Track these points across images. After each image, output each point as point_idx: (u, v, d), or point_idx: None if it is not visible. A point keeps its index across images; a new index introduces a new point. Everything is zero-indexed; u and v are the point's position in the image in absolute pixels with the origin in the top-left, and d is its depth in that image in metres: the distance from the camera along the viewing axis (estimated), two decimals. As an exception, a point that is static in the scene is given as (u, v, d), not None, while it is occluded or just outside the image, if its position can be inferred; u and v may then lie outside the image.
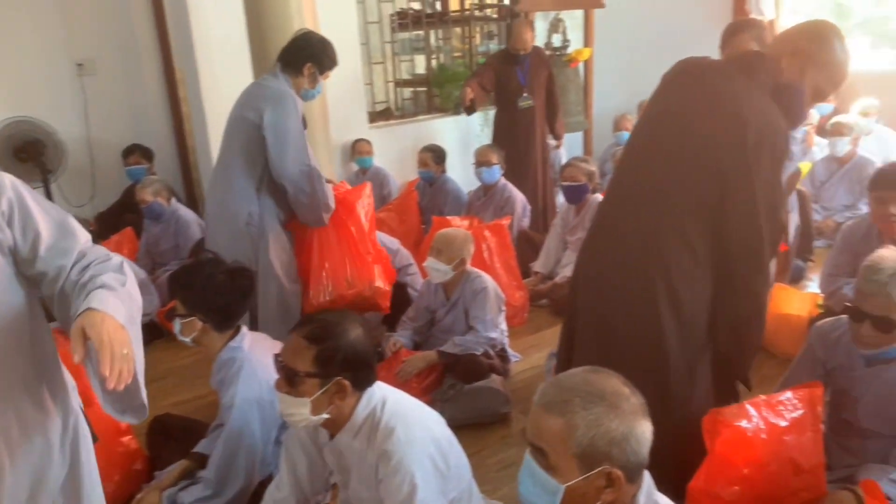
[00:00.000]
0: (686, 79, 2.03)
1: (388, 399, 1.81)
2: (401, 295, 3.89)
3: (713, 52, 6.22)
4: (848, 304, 2.12)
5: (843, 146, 4.70)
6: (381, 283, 3.09)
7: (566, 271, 4.10)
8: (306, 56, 2.94)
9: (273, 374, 2.26)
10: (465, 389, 2.94)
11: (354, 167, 5.67)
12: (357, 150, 5.52)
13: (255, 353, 2.31)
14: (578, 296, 2.13)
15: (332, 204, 2.98)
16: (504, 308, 3.30)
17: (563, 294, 4.08)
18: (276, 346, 2.36)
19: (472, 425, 2.89)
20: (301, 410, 1.74)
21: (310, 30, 3.11)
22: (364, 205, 3.09)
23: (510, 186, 4.71)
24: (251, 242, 2.91)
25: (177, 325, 2.30)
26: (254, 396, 2.25)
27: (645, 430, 1.28)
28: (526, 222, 4.73)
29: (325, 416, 1.76)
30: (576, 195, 4.13)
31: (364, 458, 1.77)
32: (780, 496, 2.00)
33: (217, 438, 2.35)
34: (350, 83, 5.37)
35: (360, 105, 5.70)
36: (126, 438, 2.58)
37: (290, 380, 1.75)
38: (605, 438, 1.25)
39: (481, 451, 2.75)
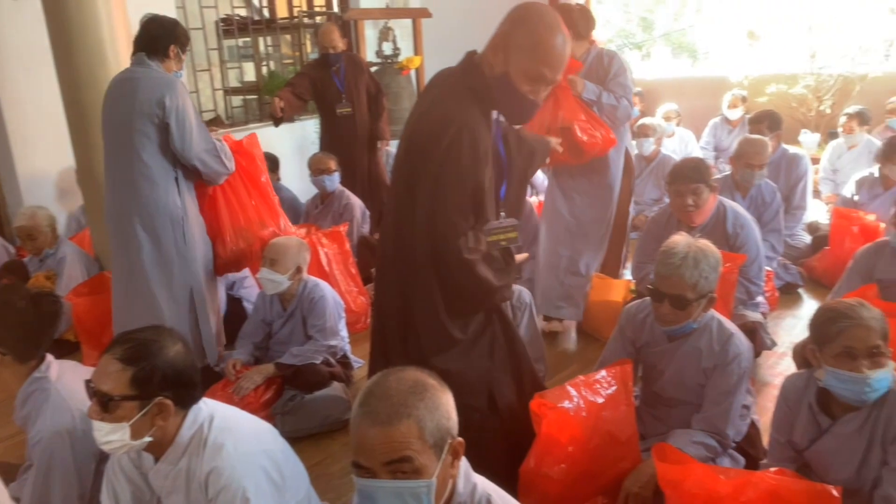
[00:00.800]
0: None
1: (215, 415, 1.74)
2: (236, 310, 3.77)
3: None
4: (649, 286, 2.34)
5: (649, 146, 5.16)
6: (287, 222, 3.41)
7: None
8: (168, 39, 3.00)
9: (84, 403, 2.12)
10: (305, 399, 2.89)
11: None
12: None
13: (65, 382, 2.12)
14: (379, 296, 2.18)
15: (232, 166, 3.11)
16: (344, 314, 3.28)
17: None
18: (88, 373, 2.20)
19: (315, 435, 2.86)
20: (119, 436, 1.63)
21: (154, 14, 3.09)
22: (258, 153, 3.29)
23: (347, 193, 4.70)
24: (179, 228, 2.99)
25: None
26: (65, 428, 2.05)
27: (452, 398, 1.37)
28: (366, 228, 4.74)
29: (148, 439, 1.66)
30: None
31: (192, 479, 1.69)
32: (602, 469, 2.16)
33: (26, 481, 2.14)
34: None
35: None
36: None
37: (104, 405, 1.63)
38: (444, 417, 1.30)
39: (325, 459, 2.72)
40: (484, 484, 1.43)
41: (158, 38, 2.98)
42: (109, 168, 3.03)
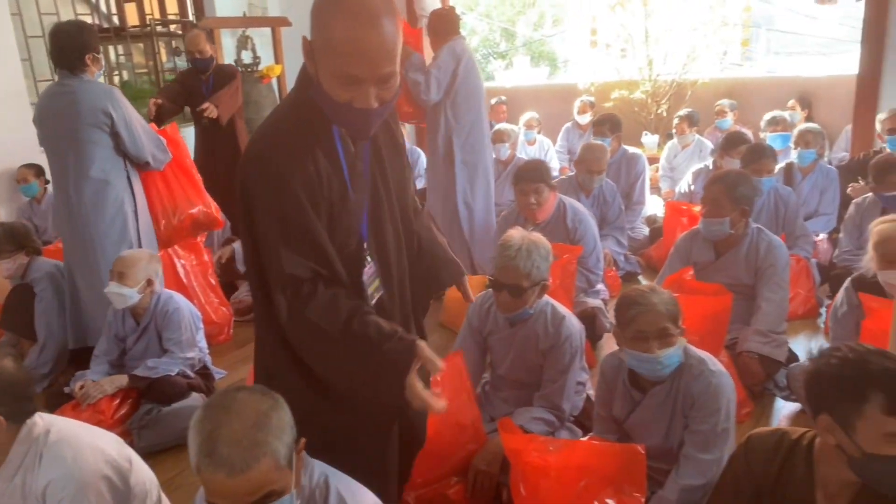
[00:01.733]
0: None
1: (52, 429, 1.72)
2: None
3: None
4: (490, 277, 2.52)
5: (505, 151, 5.43)
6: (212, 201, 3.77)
7: None
8: (79, 49, 3.13)
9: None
10: (163, 412, 2.85)
11: (23, 198, 5.00)
12: (21, 177, 4.86)
13: None
14: None
15: (170, 154, 3.47)
16: (202, 326, 3.25)
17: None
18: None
19: (174, 447, 2.83)
20: None
21: (57, 22, 3.25)
22: (181, 139, 3.64)
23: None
24: (133, 224, 3.33)
25: None
26: None
27: None
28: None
29: None
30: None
31: (29, 495, 1.65)
32: (452, 452, 2.31)
33: None
34: (13, 102, 4.80)
35: (27, 126, 5.11)
36: None
37: None
38: (289, 433, 1.33)
39: (184, 470, 2.69)
40: (321, 466, 1.52)
41: (69, 51, 3.12)
42: (59, 178, 3.27)
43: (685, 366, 2.06)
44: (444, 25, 3.99)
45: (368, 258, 1.60)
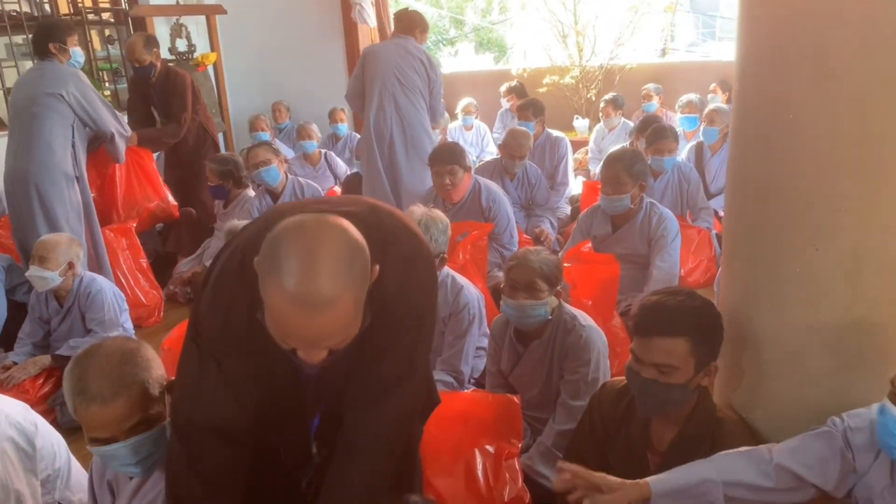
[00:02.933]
0: None
1: (-43, 395, 1.84)
2: (19, 314, 3.68)
3: (333, 53, 6.80)
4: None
5: (435, 136, 5.58)
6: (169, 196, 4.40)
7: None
8: (44, 39, 3.66)
9: None
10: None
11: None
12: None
13: None
14: None
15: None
16: (126, 307, 3.35)
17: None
18: None
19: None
20: None
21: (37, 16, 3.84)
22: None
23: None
24: (73, 186, 3.69)
25: None
26: None
27: None
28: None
29: None
30: (217, 193, 4.35)
31: (-65, 457, 1.78)
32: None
33: None
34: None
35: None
36: None
37: None
38: (157, 370, 1.50)
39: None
40: None
41: (38, 41, 3.70)
42: (12, 138, 3.68)
43: (559, 321, 2.26)
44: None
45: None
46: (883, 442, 1.38)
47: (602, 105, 6.11)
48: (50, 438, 1.99)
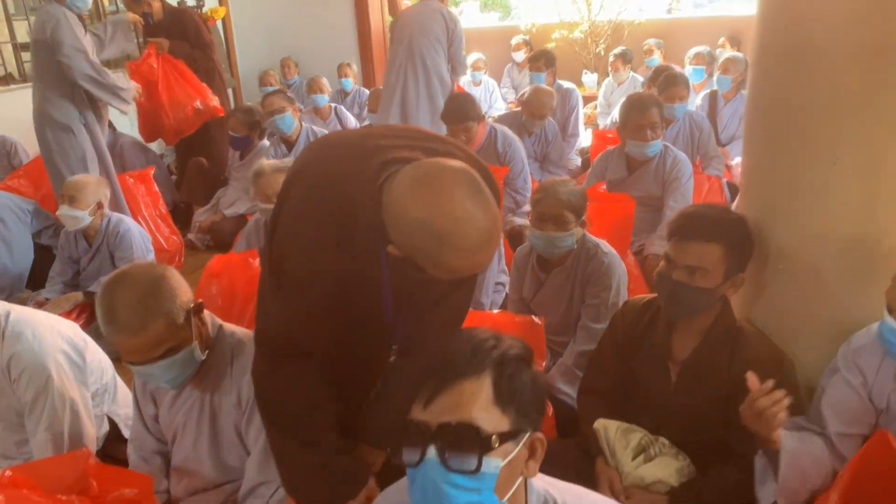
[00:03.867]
0: None
1: (12, 311, 1.92)
2: (46, 257, 3.78)
3: (342, 9, 6.78)
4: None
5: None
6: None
7: (237, 207, 4.38)
8: None
9: None
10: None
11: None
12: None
13: None
14: None
15: (124, 84, 3.89)
16: (152, 249, 3.44)
17: (224, 229, 4.35)
18: None
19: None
20: None
21: None
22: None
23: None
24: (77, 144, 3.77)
25: None
26: None
27: None
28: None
29: None
30: (239, 145, 4.39)
31: (-6, 369, 1.87)
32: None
33: None
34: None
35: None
36: None
37: None
38: (183, 293, 1.57)
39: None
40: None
41: None
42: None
43: (582, 250, 2.35)
44: None
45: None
46: (887, 349, 1.50)
47: (611, 59, 6.12)
48: (97, 356, 2.09)
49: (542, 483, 1.07)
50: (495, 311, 2.80)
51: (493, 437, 0.92)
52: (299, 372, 1.44)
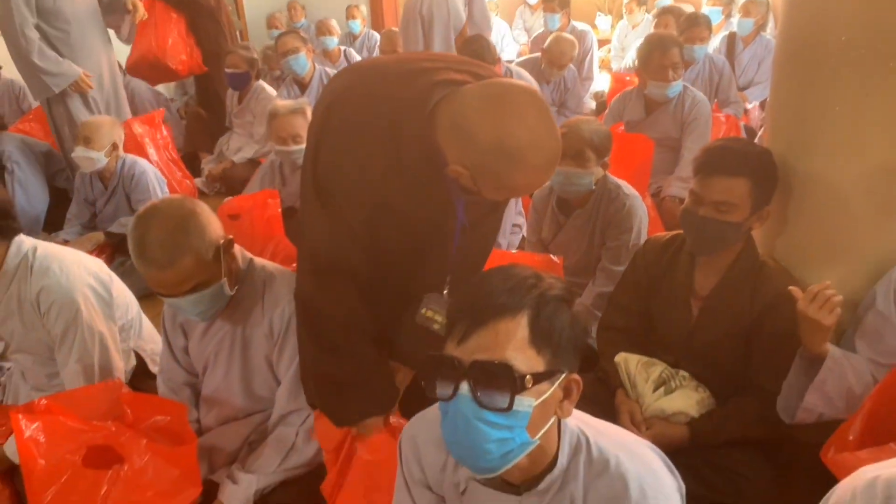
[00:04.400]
0: None
1: (38, 246, 1.94)
2: (62, 200, 3.79)
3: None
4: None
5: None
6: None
7: (244, 152, 4.37)
8: None
9: None
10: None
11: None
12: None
13: None
14: None
15: (57, 70, 3.50)
16: (166, 190, 3.44)
17: (235, 175, 4.34)
18: None
19: (146, 295, 3.04)
20: None
21: None
22: None
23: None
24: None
25: None
26: None
27: None
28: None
29: None
30: (238, 82, 4.32)
31: (24, 301, 1.89)
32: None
33: None
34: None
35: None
36: None
37: None
38: (212, 232, 1.56)
39: (155, 316, 2.95)
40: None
41: None
42: None
43: (604, 191, 2.34)
44: None
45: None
46: None
47: (625, 1, 5.98)
48: (123, 291, 2.12)
49: (576, 421, 1.07)
50: (513, 251, 2.83)
51: (527, 377, 0.91)
52: (342, 288, 1.47)
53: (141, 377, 2.16)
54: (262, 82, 4.40)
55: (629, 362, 1.79)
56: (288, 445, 1.65)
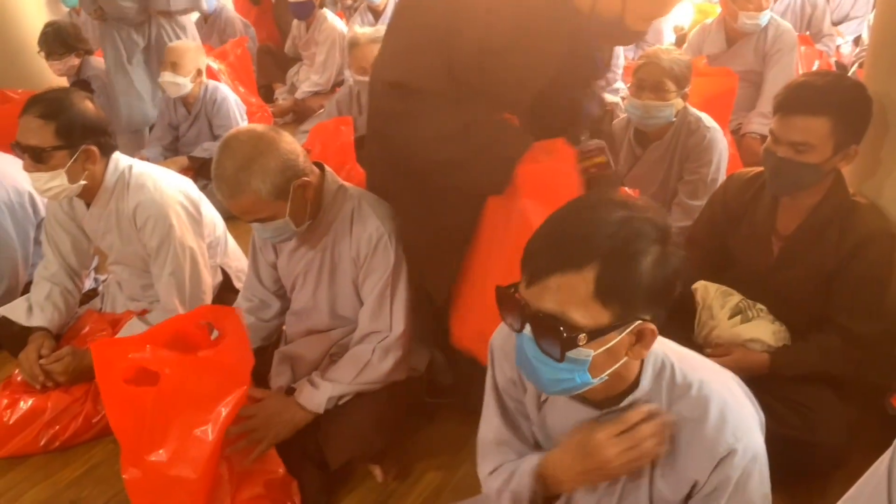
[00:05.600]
0: None
1: (134, 164, 2.04)
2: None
3: None
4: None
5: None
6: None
7: (306, 86, 4.42)
8: None
9: (17, 181, 2.37)
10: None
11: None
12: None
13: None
14: None
15: None
16: (246, 117, 3.53)
17: (306, 107, 4.42)
18: (12, 159, 2.43)
19: (225, 218, 3.20)
20: (59, 182, 1.90)
21: None
22: None
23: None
24: None
25: None
26: (1, 201, 2.33)
27: None
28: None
29: (82, 182, 1.94)
30: (303, 11, 4.34)
31: (122, 215, 2.01)
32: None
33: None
34: None
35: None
36: None
37: (38, 158, 1.87)
38: (277, 173, 1.56)
39: (244, 233, 3.08)
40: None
41: None
42: None
43: (683, 123, 2.28)
44: None
45: None
46: None
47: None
48: (210, 210, 2.22)
49: (660, 346, 1.07)
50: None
51: (581, 335, 0.90)
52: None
53: (226, 293, 2.28)
54: (326, 10, 4.41)
55: (708, 289, 1.79)
56: (364, 361, 1.72)
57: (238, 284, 2.26)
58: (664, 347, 1.09)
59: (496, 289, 1.00)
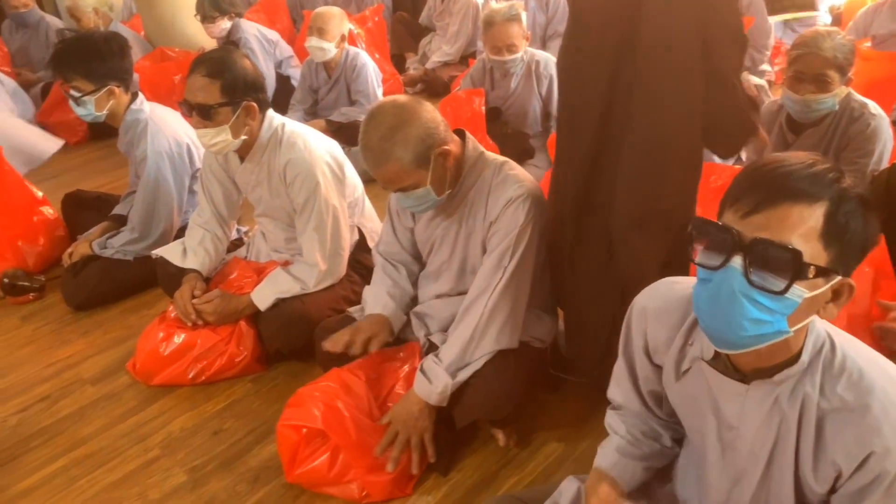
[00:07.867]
0: None
1: (286, 122, 2.15)
2: (285, 86, 4.13)
3: None
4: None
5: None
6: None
7: (436, 56, 4.47)
8: None
9: (177, 133, 2.55)
10: (351, 151, 3.31)
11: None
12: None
13: (156, 115, 2.55)
14: None
15: None
16: (381, 84, 3.62)
17: (436, 78, 4.47)
18: (172, 113, 2.61)
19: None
20: (224, 137, 2.03)
21: None
22: None
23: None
24: None
25: (88, 105, 2.41)
26: (163, 150, 2.51)
27: None
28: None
29: (243, 137, 2.06)
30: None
31: (273, 170, 2.13)
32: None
33: (131, 202, 2.63)
34: None
35: None
36: (43, 208, 2.81)
37: (205, 114, 1.99)
38: (419, 141, 1.61)
39: (379, 194, 3.18)
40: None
41: None
42: None
43: (845, 109, 2.13)
44: None
45: None
46: None
47: None
48: (351, 172, 2.30)
49: (824, 325, 1.03)
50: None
51: (811, 267, 0.88)
52: None
53: (360, 251, 2.36)
54: None
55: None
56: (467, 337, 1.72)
57: (371, 244, 2.34)
58: (827, 326, 1.04)
59: (694, 221, 0.96)
